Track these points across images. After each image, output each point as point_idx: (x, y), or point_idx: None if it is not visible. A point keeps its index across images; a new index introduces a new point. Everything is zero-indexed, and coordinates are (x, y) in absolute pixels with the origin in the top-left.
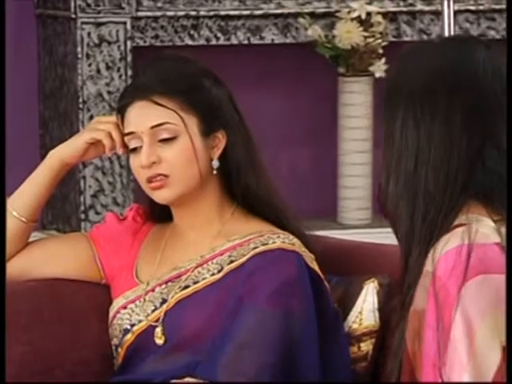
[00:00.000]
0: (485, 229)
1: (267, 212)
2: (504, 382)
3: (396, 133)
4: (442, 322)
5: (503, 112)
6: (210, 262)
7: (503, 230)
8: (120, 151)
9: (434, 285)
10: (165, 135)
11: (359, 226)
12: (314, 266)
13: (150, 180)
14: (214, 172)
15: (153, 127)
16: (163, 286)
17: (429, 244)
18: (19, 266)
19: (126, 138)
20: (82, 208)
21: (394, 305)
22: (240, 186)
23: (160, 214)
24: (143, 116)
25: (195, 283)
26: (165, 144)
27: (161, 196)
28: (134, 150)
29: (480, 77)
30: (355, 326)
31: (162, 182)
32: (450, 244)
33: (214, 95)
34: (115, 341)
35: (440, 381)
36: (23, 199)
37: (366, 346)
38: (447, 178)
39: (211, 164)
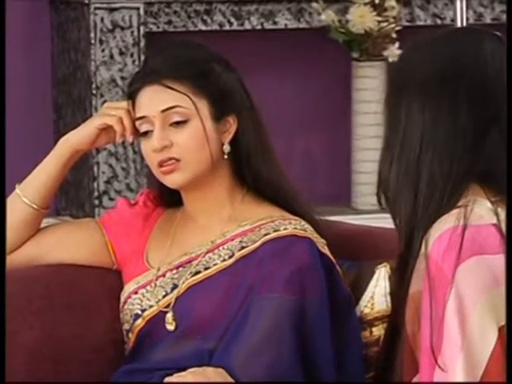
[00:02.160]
0: (480, 209)
1: (277, 197)
2: (500, 362)
3: (401, 118)
4: (435, 305)
5: (505, 103)
6: (220, 248)
7: (501, 210)
8: (130, 138)
9: (428, 267)
10: (176, 118)
11: (373, 211)
12: (326, 251)
13: (161, 164)
14: (225, 156)
15: (164, 110)
16: (174, 272)
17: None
18: (31, 252)
19: (137, 123)
20: (96, 194)
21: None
22: (251, 170)
23: (170, 199)
24: (154, 100)
25: (206, 269)
26: (176, 128)
27: (172, 180)
28: (145, 134)
29: (485, 66)
30: (367, 310)
31: (173, 165)
32: (444, 226)
33: (225, 80)
34: (126, 326)
35: (434, 367)
36: (34, 186)
37: (378, 331)
38: (451, 163)
39: (222, 149)
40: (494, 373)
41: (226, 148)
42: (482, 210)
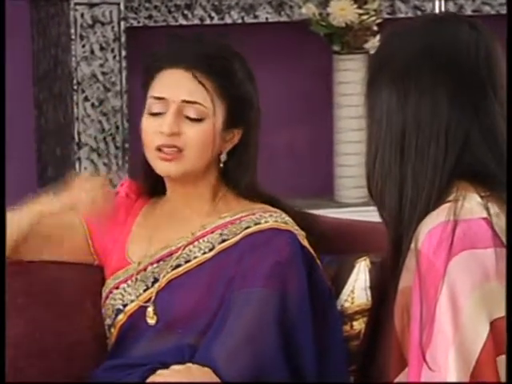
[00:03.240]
0: (470, 204)
1: (256, 198)
2: (492, 356)
3: (381, 116)
4: (426, 300)
5: (489, 91)
6: (201, 240)
7: (491, 205)
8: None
9: (419, 262)
10: (192, 114)
11: (356, 204)
12: (306, 243)
13: (160, 148)
14: (221, 165)
15: (185, 101)
16: (155, 265)
17: (418, 225)
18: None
19: (150, 100)
20: None
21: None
22: (237, 180)
23: (153, 189)
24: (179, 86)
25: (187, 262)
26: (190, 120)
27: (166, 168)
28: (155, 113)
29: (464, 57)
30: (347, 304)
31: (174, 154)
32: (434, 221)
33: (246, 91)
34: (108, 321)
35: (423, 361)
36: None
37: (359, 325)
38: (435, 164)
39: (219, 156)
40: (485, 366)
41: (223, 157)
42: (472, 205)
